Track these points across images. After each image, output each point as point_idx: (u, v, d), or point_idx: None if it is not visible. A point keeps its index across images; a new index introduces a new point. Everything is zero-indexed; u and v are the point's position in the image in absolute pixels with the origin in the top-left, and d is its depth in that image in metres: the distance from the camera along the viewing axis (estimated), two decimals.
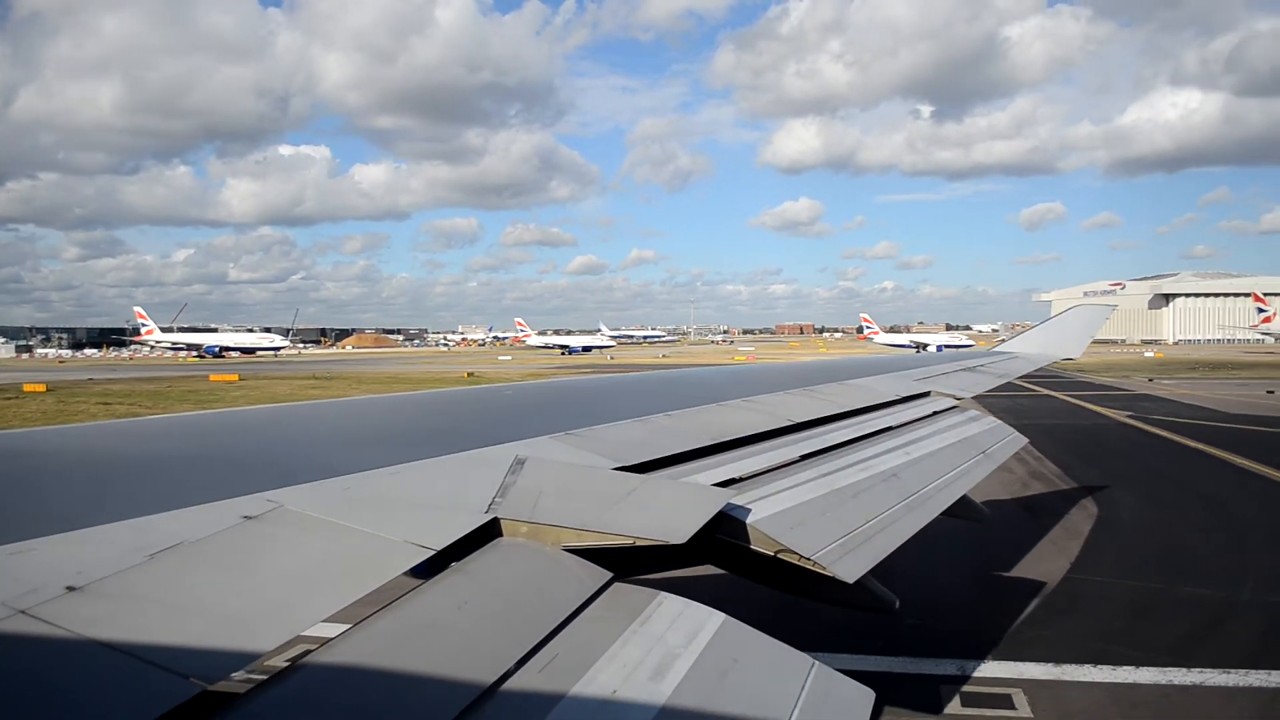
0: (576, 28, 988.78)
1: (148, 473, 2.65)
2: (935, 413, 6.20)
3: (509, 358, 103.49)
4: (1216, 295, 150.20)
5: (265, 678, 1.57)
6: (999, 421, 6.39)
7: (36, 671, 1.38)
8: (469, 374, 61.00)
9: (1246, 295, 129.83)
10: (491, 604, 2.08)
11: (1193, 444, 22.72)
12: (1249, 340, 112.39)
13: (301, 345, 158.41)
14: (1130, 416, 29.67)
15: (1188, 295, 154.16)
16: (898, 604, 3.25)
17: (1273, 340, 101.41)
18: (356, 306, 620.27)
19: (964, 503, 4.75)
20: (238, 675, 1.48)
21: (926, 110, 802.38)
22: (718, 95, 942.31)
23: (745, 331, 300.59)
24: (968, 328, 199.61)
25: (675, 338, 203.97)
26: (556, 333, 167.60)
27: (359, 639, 1.74)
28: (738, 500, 3.03)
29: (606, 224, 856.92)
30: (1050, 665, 8.10)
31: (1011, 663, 8.18)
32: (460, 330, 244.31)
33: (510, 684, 1.72)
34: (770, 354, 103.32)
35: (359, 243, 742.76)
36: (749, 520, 2.90)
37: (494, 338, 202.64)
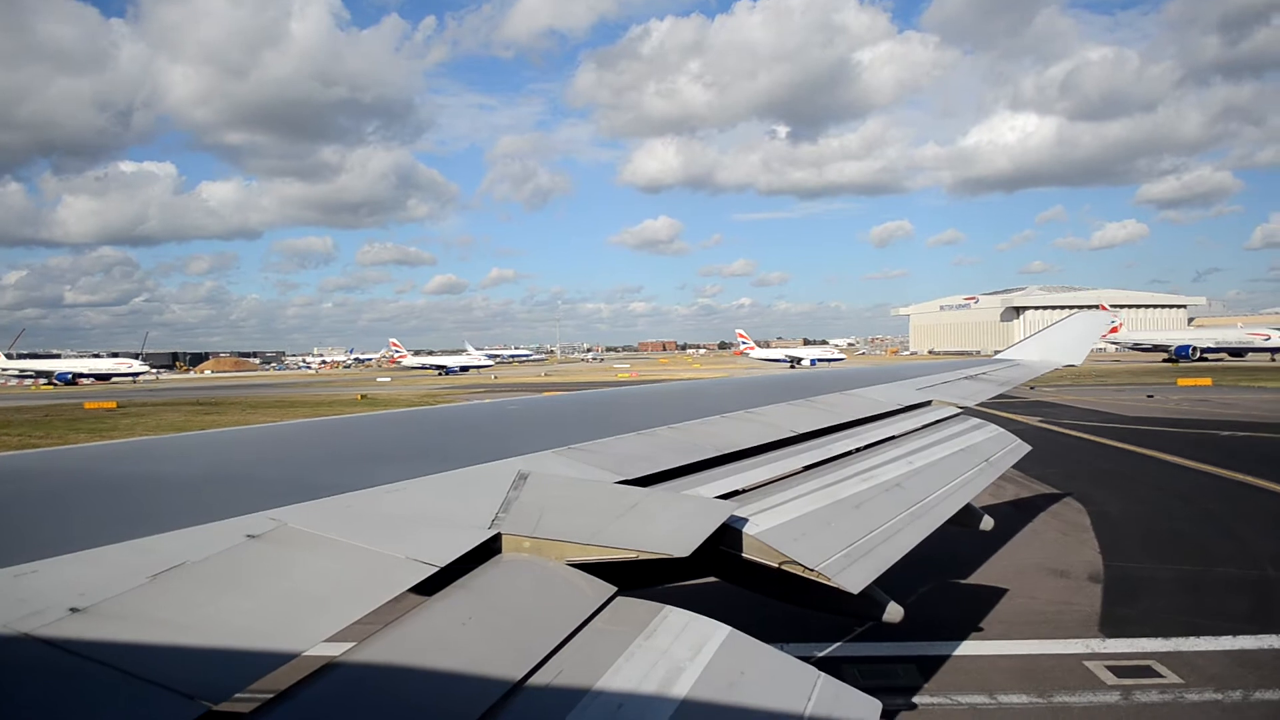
0: (436, 44, 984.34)
1: (149, 493, 2.65)
2: (937, 421, 6.19)
3: (389, 379, 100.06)
4: (1062, 308, 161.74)
5: (270, 696, 1.56)
6: (1001, 429, 6.37)
7: (40, 693, 1.38)
8: (361, 396, 60.52)
9: (1088, 307, 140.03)
10: (496, 619, 2.07)
11: (1116, 444, 24.55)
12: (1095, 349, 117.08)
13: (156, 371, 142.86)
14: (1042, 421, 31.29)
15: (1036, 308, 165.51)
16: (902, 614, 3.23)
17: (1114, 349, 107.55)
18: (204, 329, 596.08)
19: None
20: (242, 695, 1.48)
21: (783, 131, 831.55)
22: (576, 114, 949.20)
23: (609, 349, 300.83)
24: (824, 342, 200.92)
25: (542, 356, 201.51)
26: (418, 353, 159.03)
27: (363, 657, 1.73)
28: (741, 512, 3.02)
29: (465, 243, 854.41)
30: (1161, 639, 8.82)
31: (1129, 639, 8.88)
32: (318, 352, 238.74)
33: (515, 700, 1.71)
34: (648, 372, 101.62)
35: (206, 263, 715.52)
36: (753, 532, 2.89)
37: (355, 359, 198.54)
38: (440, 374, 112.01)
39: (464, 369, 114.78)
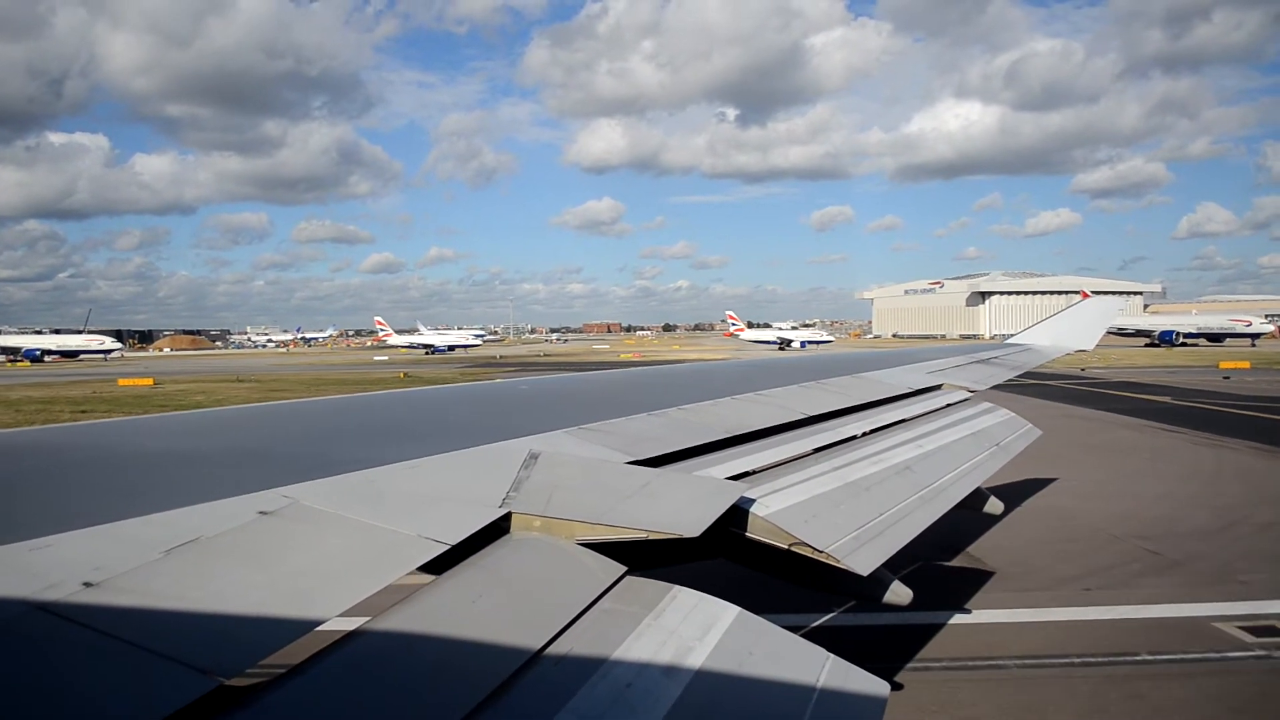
0: (387, 18, 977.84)
1: (163, 469, 2.66)
2: (948, 405, 6.18)
3: (385, 357, 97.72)
4: (1027, 293, 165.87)
5: (282, 671, 1.57)
6: (1012, 414, 6.35)
7: (53, 667, 1.38)
8: (404, 374, 60.54)
9: (1050, 293, 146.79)
10: (505, 598, 2.08)
11: None
12: None
13: (120, 349, 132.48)
14: (1175, 399, 31.70)
15: (1002, 293, 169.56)
16: (911, 597, 3.23)
17: None
18: (130, 306, 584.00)
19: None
20: (254, 669, 1.48)
21: (731, 114, 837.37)
22: (518, 93, 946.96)
23: (553, 330, 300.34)
24: (767, 325, 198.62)
25: (495, 337, 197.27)
26: (400, 332, 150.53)
27: (374, 633, 1.74)
28: (751, 494, 3.01)
29: (405, 221, 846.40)
30: None
31: None
32: (254, 331, 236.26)
33: (525, 677, 1.72)
34: (637, 353, 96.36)
35: (137, 238, 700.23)
36: (763, 513, 2.89)
37: (302, 338, 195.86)
38: (427, 353, 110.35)
39: (451, 348, 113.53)
